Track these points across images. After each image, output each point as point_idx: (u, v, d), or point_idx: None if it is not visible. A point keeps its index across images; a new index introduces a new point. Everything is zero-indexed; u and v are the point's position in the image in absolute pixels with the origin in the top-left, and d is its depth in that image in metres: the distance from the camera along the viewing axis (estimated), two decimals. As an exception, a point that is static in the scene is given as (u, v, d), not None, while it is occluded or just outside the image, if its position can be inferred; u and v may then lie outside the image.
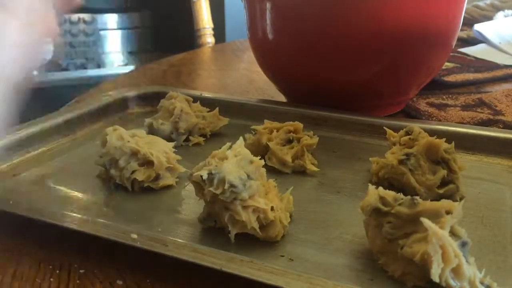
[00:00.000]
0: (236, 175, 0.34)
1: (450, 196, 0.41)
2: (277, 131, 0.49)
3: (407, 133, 0.46)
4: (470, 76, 0.78)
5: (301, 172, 0.47)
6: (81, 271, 0.34)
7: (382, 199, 0.33)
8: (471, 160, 0.49)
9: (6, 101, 0.24)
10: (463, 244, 0.30)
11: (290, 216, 0.38)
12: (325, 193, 0.43)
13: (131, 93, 0.66)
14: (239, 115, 0.61)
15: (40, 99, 0.66)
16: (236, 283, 0.31)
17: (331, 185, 0.45)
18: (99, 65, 2.33)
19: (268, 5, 0.58)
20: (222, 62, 1.03)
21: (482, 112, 0.63)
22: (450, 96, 0.70)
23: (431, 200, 0.32)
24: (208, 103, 0.60)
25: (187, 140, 0.55)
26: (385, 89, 0.59)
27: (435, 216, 0.30)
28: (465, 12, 0.60)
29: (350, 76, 0.57)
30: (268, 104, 0.61)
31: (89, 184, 0.45)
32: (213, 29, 1.26)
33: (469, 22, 1.11)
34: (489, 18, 1.13)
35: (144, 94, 0.66)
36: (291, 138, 0.49)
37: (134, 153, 0.43)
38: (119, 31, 2.55)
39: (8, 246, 0.37)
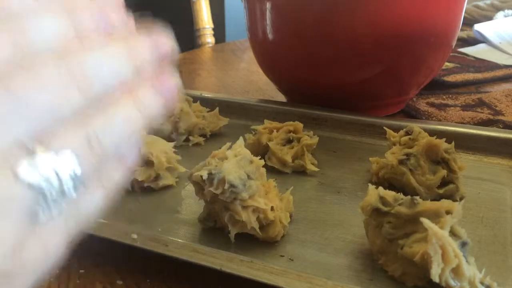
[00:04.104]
0: (236, 175, 0.34)
1: (450, 196, 0.41)
2: (277, 131, 0.49)
3: (407, 133, 0.46)
4: (470, 76, 0.78)
5: (301, 172, 0.47)
6: (81, 271, 0.34)
7: (382, 199, 0.33)
8: (471, 160, 0.49)
9: None
10: (463, 244, 0.30)
11: (290, 216, 0.38)
12: (325, 193, 0.43)
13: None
14: (239, 115, 0.61)
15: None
16: (236, 283, 0.31)
17: (331, 185, 0.45)
18: (99, 65, 2.33)
19: (268, 6, 0.58)
20: (222, 62, 1.03)
21: (482, 112, 0.63)
22: (450, 96, 0.70)
23: (431, 200, 0.32)
24: (208, 103, 0.60)
25: (187, 140, 0.55)
26: (385, 89, 0.59)
27: (435, 216, 0.30)
28: (465, 12, 0.60)
29: (350, 76, 0.57)
30: (268, 104, 0.61)
31: (89, 184, 0.45)
32: (213, 29, 1.26)
33: (469, 22, 1.11)
34: (489, 18, 1.13)
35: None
36: (291, 138, 0.49)
37: (134, 153, 0.43)
38: (119, 31, 2.55)
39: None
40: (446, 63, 0.84)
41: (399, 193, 0.34)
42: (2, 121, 0.16)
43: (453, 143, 0.43)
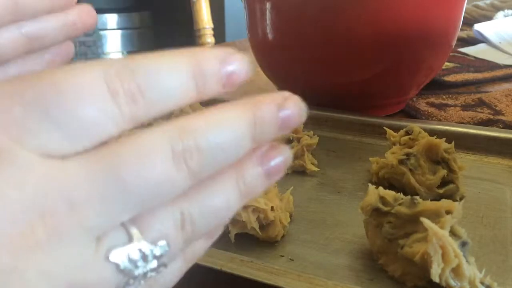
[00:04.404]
0: (236, 175, 0.34)
1: (450, 196, 0.41)
2: (277, 131, 0.49)
3: (407, 133, 0.46)
4: (470, 76, 0.78)
5: (301, 172, 0.47)
6: (81, 271, 0.34)
7: (382, 199, 0.33)
8: (471, 160, 0.49)
9: None
10: (463, 244, 0.30)
11: (290, 216, 0.38)
12: (325, 193, 0.43)
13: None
14: (239, 115, 0.61)
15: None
16: (236, 283, 0.31)
17: (331, 185, 0.45)
18: (99, 65, 2.33)
19: (268, 6, 0.58)
20: (222, 62, 1.03)
21: (482, 112, 0.63)
22: (450, 96, 0.70)
23: (431, 200, 0.32)
24: (208, 103, 0.59)
25: (187, 140, 0.55)
26: (385, 89, 0.59)
27: (435, 216, 0.30)
28: (465, 12, 0.60)
29: (350, 76, 0.57)
30: (268, 104, 0.61)
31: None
32: (213, 29, 1.26)
33: (469, 22, 1.11)
34: (489, 18, 1.13)
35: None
36: (291, 138, 0.49)
37: (134, 153, 0.43)
38: (119, 31, 2.55)
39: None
40: (446, 63, 0.84)
41: (399, 193, 0.34)
42: (104, 202, 0.15)
43: (453, 143, 0.43)
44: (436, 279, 0.28)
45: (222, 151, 0.17)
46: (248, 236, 0.35)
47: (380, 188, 0.34)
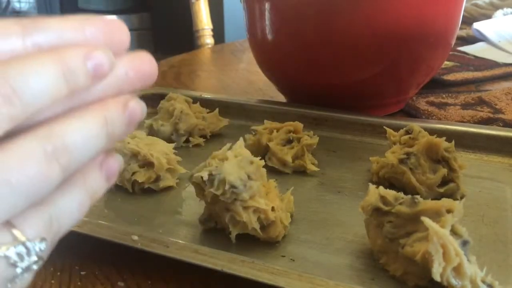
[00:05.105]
0: (236, 175, 0.34)
1: (450, 195, 0.41)
2: (277, 131, 0.49)
3: (407, 132, 0.46)
4: (470, 74, 0.78)
5: (301, 172, 0.47)
6: (82, 272, 0.34)
7: (382, 198, 0.33)
8: (471, 158, 0.49)
9: None
10: (464, 243, 0.30)
11: (291, 216, 0.38)
12: (325, 193, 0.43)
13: (131, 94, 0.66)
14: (239, 115, 0.61)
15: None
16: (237, 283, 0.31)
17: (332, 185, 0.45)
18: (98, 67, 2.33)
19: (267, 6, 0.58)
20: (222, 63, 1.03)
21: (482, 111, 0.63)
22: (450, 95, 0.70)
23: (432, 199, 0.32)
24: (208, 104, 0.60)
25: (187, 141, 0.55)
26: (385, 89, 0.59)
27: (435, 215, 0.30)
28: (464, 11, 0.60)
29: (350, 76, 0.57)
30: (268, 104, 0.61)
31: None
32: (212, 30, 1.26)
33: (468, 21, 1.11)
34: (488, 16, 1.13)
35: (143, 95, 0.66)
36: (291, 138, 0.49)
37: (135, 155, 0.43)
38: (119, 33, 2.55)
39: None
40: (446, 62, 0.84)
41: (399, 193, 0.34)
42: None
43: (453, 142, 0.43)
44: (437, 278, 0.28)
45: (85, 148, 0.20)
46: (249, 236, 0.35)
47: (381, 187, 0.34)
